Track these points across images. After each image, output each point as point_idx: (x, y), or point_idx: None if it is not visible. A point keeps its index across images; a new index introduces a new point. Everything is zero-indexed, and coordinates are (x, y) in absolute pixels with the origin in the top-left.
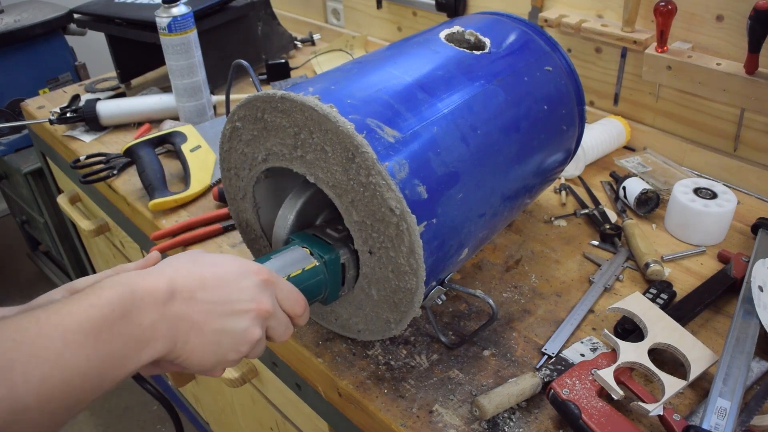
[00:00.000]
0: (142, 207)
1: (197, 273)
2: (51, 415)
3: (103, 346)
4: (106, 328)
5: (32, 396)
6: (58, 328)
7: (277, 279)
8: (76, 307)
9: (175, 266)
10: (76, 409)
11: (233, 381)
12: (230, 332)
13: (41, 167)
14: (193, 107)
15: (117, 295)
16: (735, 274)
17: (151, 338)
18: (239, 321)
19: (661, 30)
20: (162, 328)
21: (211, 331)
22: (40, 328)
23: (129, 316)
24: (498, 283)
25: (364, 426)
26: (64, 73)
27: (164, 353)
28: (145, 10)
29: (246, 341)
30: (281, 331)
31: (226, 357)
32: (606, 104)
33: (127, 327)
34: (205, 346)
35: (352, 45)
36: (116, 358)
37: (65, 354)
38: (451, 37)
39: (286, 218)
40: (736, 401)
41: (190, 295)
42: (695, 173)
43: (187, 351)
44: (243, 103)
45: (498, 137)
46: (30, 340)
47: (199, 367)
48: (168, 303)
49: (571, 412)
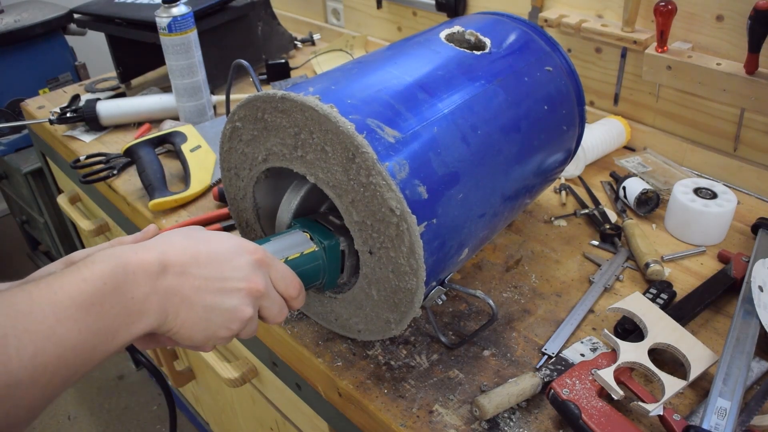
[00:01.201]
0: (142, 207)
1: (191, 249)
2: (44, 389)
3: (95, 319)
4: (98, 302)
5: (25, 370)
6: (50, 303)
7: (272, 260)
8: (68, 281)
9: (169, 241)
10: (70, 381)
11: (233, 381)
12: (221, 309)
13: (41, 167)
14: (193, 107)
15: (109, 269)
16: (735, 274)
17: (142, 311)
18: (230, 298)
19: (661, 30)
20: (153, 301)
21: (201, 307)
22: (32, 303)
23: (121, 289)
24: (498, 283)
25: (364, 426)
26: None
27: (155, 327)
28: (145, 10)
29: (236, 319)
30: (275, 312)
31: (216, 333)
32: (606, 104)
33: (118, 300)
34: (196, 321)
35: (352, 45)
36: (108, 331)
37: (57, 328)
38: (452, 37)
39: (290, 203)
40: (736, 401)
41: (182, 269)
42: (695, 173)
43: (177, 325)
44: (243, 103)
45: (498, 137)
46: (23, 315)
47: (190, 342)
48: (160, 277)
49: (571, 412)
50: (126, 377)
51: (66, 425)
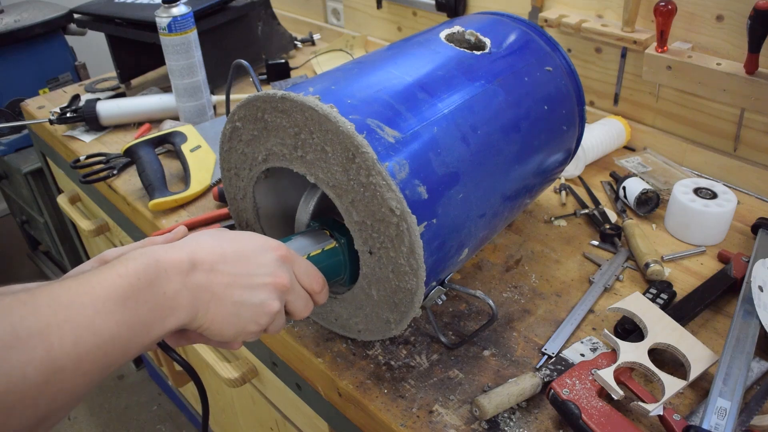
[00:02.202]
0: (142, 207)
1: (218, 247)
2: (84, 376)
3: (131, 313)
4: (133, 296)
5: (67, 357)
6: (88, 296)
7: (295, 256)
8: (104, 277)
9: (197, 241)
10: (108, 370)
11: (233, 381)
12: (249, 304)
13: (41, 167)
14: (193, 107)
15: (142, 266)
16: (735, 274)
17: (174, 307)
18: (258, 293)
19: (661, 30)
20: (184, 297)
21: (230, 302)
22: (71, 295)
23: (154, 285)
24: (498, 283)
25: (364, 426)
26: (64, 73)
27: (187, 322)
28: (145, 10)
29: (264, 313)
30: (300, 306)
31: (246, 328)
32: (606, 104)
33: (152, 295)
34: (226, 316)
35: (352, 45)
36: (143, 325)
37: (96, 320)
38: (452, 37)
39: (308, 204)
40: (736, 401)
41: (210, 267)
42: (695, 173)
43: (208, 320)
44: (243, 103)
45: (498, 137)
46: (63, 306)
47: (220, 337)
48: (190, 274)
49: (571, 412)
50: (126, 377)
51: (66, 425)
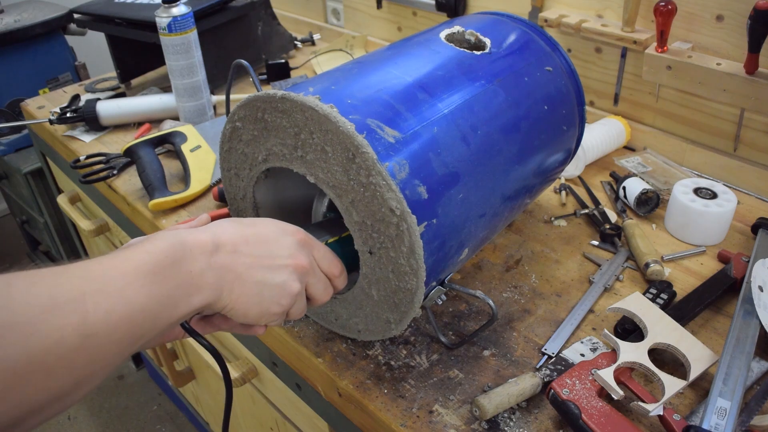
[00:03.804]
0: (142, 207)
1: (240, 231)
2: (116, 344)
3: (159, 287)
4: (161, 272)
5: (100, 324)
6: (119, 270)
7: (314, 241)
8: (133, 254)
9: (220, 225)
10: (138, 343)
11: (233, 381)
12: (271, 285)
13: (41, 167)
14: (193, 107)
15: (169, 245)
16: (735, 274)
17: (199, 285)
18: (279, 274)
19: (661, 30)
20: (209, 276)
21: (253, 283)
22: (103, 268)
23: (180, 263)
24: (498, 283)
25: (364, 426)
26: (64, 73)
27: (212, 301)
28: (145, 10)
29: (286, 294)
30: (321, 289)
31: (269, 309)
32: (606, 104)
33: (178, 272)
34: (249, 297)
35: (352, 45)
36: (170, 300)
37: (127, 291)
38: (452, 37)
39: (323, 198)
40: (736, 401)
41: (233, 248)
42: (695, 173)
43: (233, 301)
44: (243, 103)
45: (498, 137)
46: (96, 278)
47: (245, 318)
48: (214, 254)
49: (571, 412)
50: (126, 377)
51: (66, 425)
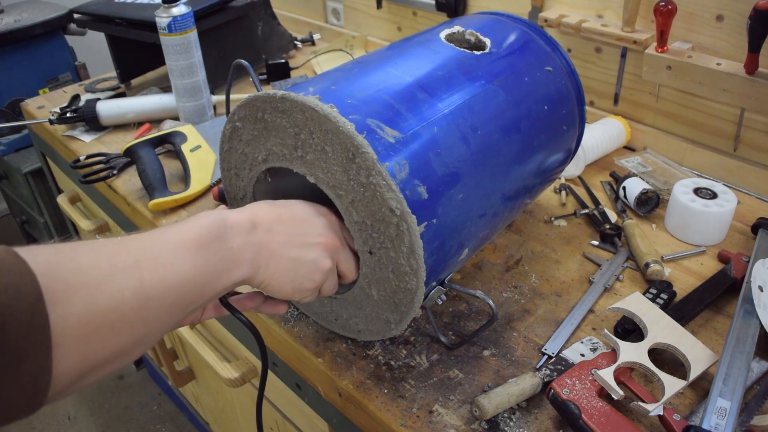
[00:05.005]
0: (142, 207)
1: (275, 211)
2: (169, 309)
3: (203, 260)
4: (205, 246)
5: (155, 289)
6: (169, 243)
7: (342, 222)
8: (180, 229)
9: (257, 206)
10: (185, 311)
11: (233, 381)
12: (304, 261)
13: (41, 167)
14: (193, 107)
15: (212, 222)
16: (735, 274)
17: (239, 260)
18: (311, 251)
19: (661, 30)
20: (248, 253)
21: (287, 259)
22: (154, 241)
23: (222, 239)
24: (498, 283)
25: (364, 426)
26: (64, 73)
27: (250, 276)
28: (145, 10)
29: (318, 269)
30: (352, 266)
31: (302, 285)
32: (606, 104)
33: (221, 247)
34: (284, 272)
35: (352, 45)
36: (213, 273)
37: (177, 260)
38: (452, 37)
39: None
40: (736, 401)
41: (269, 227)
42: (695, 173)
43: (268, 276)
44: (243, 103)
45: (498, 137)
46: (150, 247)
47: (280, 293)
48: (251, 232)
49: (571, 412)
50: (126, 377)
51: (66, 425)
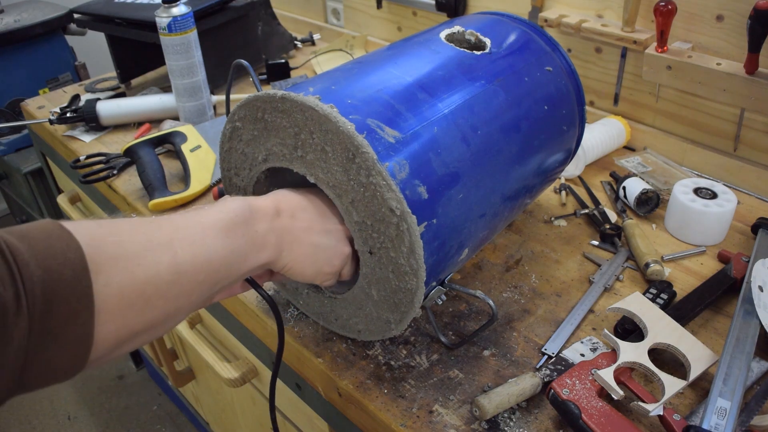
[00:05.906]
0: (142, 207)
1: (297, 199)
2: (200, 285)
3: (231, 241)
4: (232, 229)
5: (188, 265)
6: (199, 224)
7: None
8: (208, 213)
9: (280, 193)
10: (214, 289)
11: (233, 381)
12: (324, 246)
13: (41, 167)
14: (193, 107)
15: (239, 206)
16: (735, 274)
17: (264, 244)
18: (331, 237)
19: (661, 30)
20: (271, 237)
21: (308, 244)
22: (185, 222)
23: (248, 223)
24: (498, 283)
25: (364, 426)
26: (64, 73)
27: (273, 259)
28: (145, 10)
29: (338, 254)
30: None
31: (322, 269)
32: (606, 104)
33: (247, 231)
34: (305, 257)
35: (352, 45)
36: (240, 254)
37: (206, 240)
38: (452, 37)
39: None
40: (736, 401)
41: (291, 213)
42: (695, 173)
43: (291, 260)
44: (243, 103)
45: (498, 137)
46: (181, 227)
47: (302, 277)
48: (275, 218)
49: (571, 412)
50: (126, 377)
51: (66, 425)
